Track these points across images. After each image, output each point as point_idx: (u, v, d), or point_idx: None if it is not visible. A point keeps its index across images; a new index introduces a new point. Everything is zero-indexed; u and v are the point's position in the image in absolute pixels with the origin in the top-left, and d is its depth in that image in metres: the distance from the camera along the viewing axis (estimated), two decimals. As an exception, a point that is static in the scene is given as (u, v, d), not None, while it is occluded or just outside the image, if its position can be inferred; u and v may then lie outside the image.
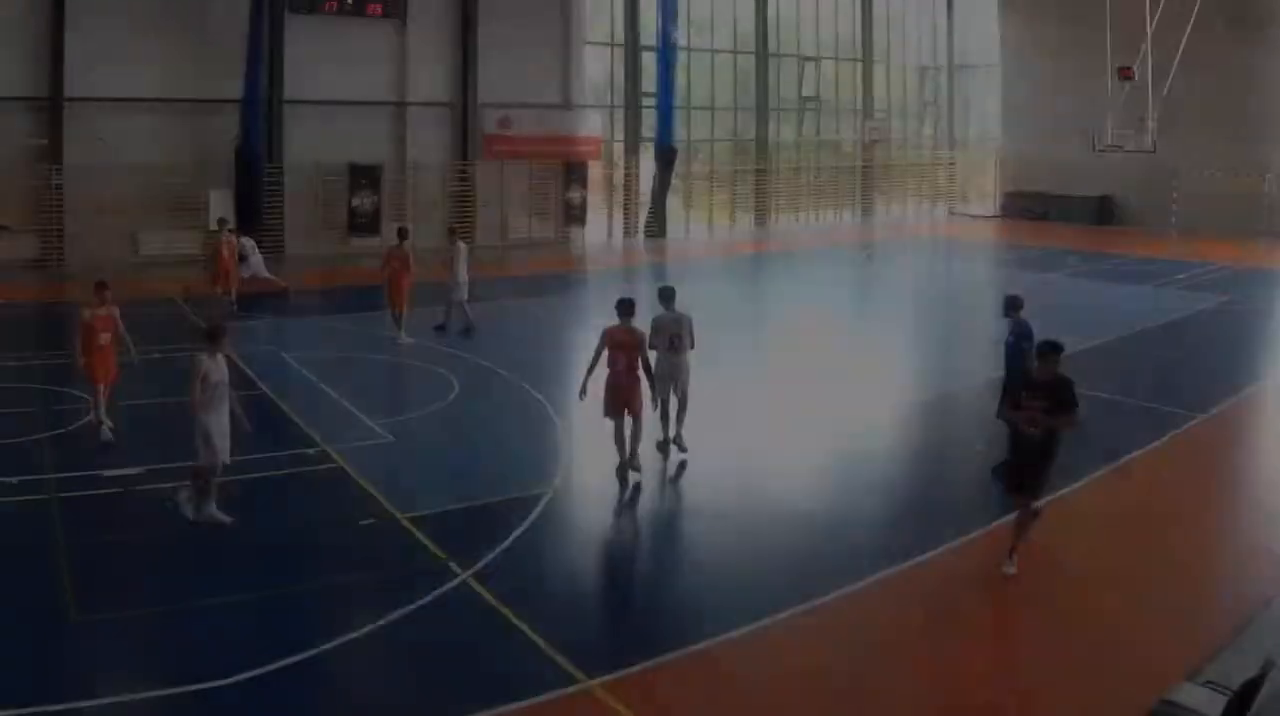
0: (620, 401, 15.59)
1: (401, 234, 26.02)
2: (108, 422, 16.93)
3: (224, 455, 13.67)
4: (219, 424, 13.54)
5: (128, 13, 34.76)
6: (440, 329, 25.56)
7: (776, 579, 12.59)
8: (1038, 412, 12.39)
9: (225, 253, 28.18)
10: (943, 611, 11.93)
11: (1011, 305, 16.31)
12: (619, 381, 15.55)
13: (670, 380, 16.44)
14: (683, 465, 16.57)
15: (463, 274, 25.56)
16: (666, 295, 16.99)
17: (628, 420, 15.66)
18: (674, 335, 16.48)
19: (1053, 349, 12.67)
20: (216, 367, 13.56)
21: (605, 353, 15.64)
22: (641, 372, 15.74)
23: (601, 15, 46.95)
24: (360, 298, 30.38)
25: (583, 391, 15.70)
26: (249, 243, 30.31)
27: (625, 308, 15.84)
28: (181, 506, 13.61)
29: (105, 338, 17.03)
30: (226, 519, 13.57)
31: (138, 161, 35.13)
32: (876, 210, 57.14)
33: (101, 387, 16.98)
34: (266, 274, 30.54)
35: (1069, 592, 12.52)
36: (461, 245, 26.18)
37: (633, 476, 15.68)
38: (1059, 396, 12.45)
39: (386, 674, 10.54)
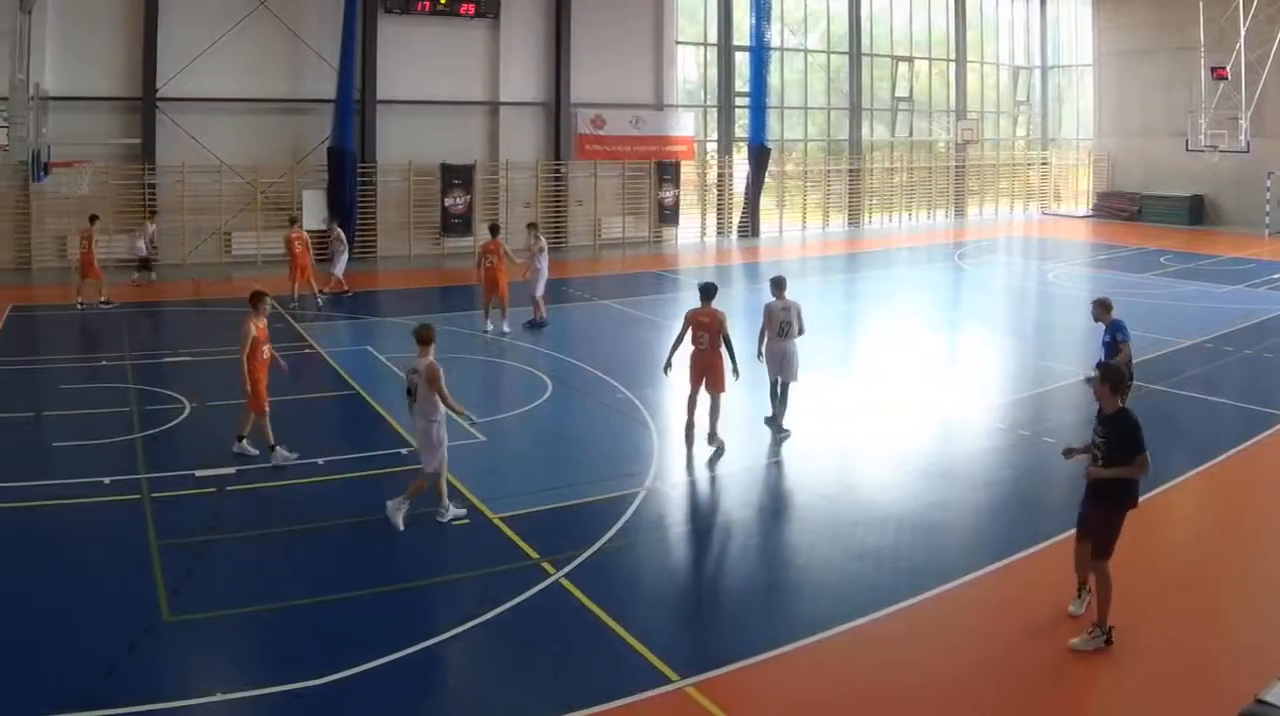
0: (698, 374, 16.16)
1: (494, 230, 25.41)
2: (266, 448, 15.52)
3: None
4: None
5: (220, 13, 33.83)
6: (532, 325, 24.78)
7: (868, 579, 12.03)
8: (1097, 457, 10.44)
9: (298, 248, 27.25)
10: (1034, 612, 11.29)
11: (1101, 307, 15.99)
12: (699, 359, 16.16)
13: (779, 364, 16.78)
14: (777, 466, 16.06)
15: (544, 269, 25.16)
16: (779, 283, 17.13)
17: (704, 396, 16.14)
18: (783, 322, 16.78)
19: (1103, 370, 10.71)
20: None
21: (690, 332, 16.26)
22: (724, 351, 16.10)
23: (694, 15, 45.36)
24: (453, 297, 29.48)
25: (667, 366, 16.61)
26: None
27: (706, 292, 16.47)
28: (392, 517, 13.07)
29: (269, 349, 15.63)
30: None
31: (230, 161, 34.19)
32: (969, 210, 54.79)
33: (266, 411, 15.49)
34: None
35: (1162, 592, 11.76)
36: (543, 241, 25.62)
37: (715, 447, 16.06)
38: (1121, 436, 10.24)
39: (478, 674, 10.17)
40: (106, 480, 14.35)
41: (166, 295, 28.42)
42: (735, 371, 16.13)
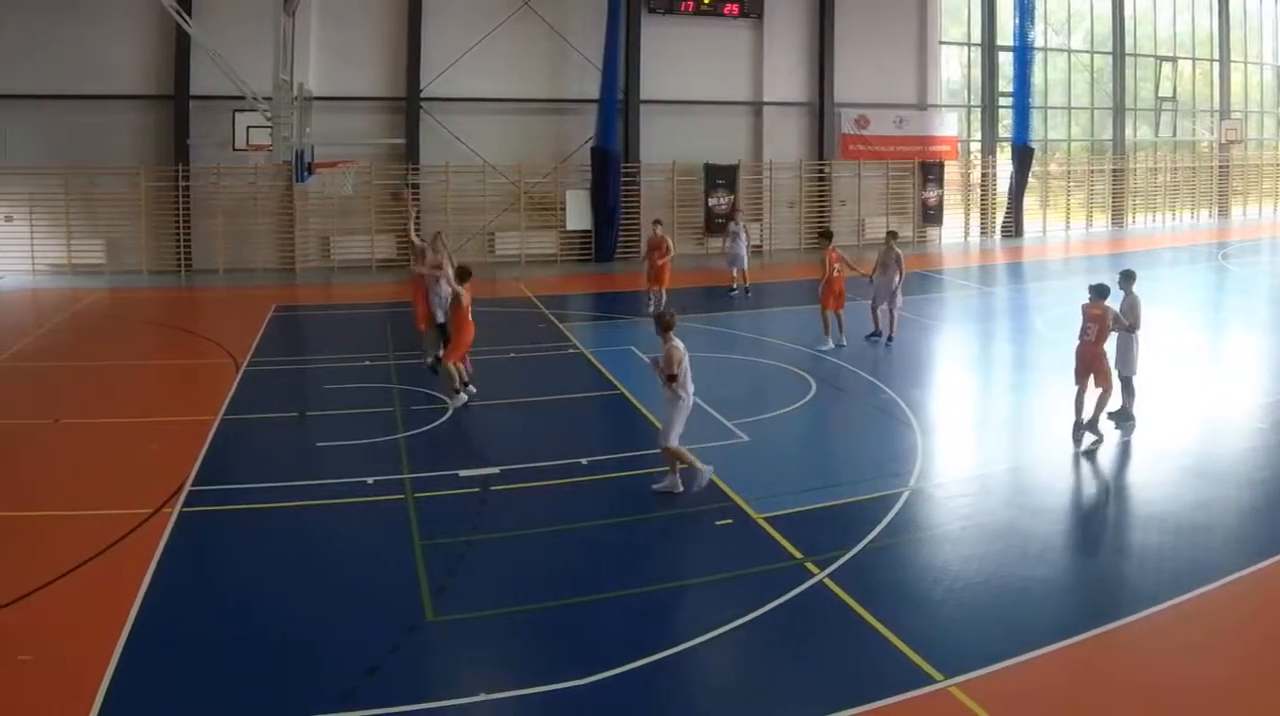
0: (1084, 368, 14.30)
1: (828, 235, 21.53)
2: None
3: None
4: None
5: (483, 14, 29.03)
6: (877, 337, 20.44)
7: (1132, 579, 9.84)
8: None
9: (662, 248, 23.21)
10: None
11: None
12: (1085, 351, 14.34)
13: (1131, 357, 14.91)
14: (1042, 466, 13.53)
15: (898, 280, 20.21)
16: (1128, 277, 15.14)
17: (1091, 388, 14.25)
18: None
19: None
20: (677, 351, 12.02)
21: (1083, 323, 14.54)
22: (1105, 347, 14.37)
23: (958, 15, 38.07)
24: (716, 298, 25.16)
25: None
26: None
27: (1099, 290, 14.61)
28: (695, 482, 11.86)
29: None
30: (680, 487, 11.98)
31: (492, 161, 29.14)
32: (1233, 210, 45.83)
33: None
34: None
35: None
36: (898, 249, 20.46)
37: (1088, 439, 13.91)
38: None
39: (742, 674, 8.41)
40: (370, 480, 12.57)
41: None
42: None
